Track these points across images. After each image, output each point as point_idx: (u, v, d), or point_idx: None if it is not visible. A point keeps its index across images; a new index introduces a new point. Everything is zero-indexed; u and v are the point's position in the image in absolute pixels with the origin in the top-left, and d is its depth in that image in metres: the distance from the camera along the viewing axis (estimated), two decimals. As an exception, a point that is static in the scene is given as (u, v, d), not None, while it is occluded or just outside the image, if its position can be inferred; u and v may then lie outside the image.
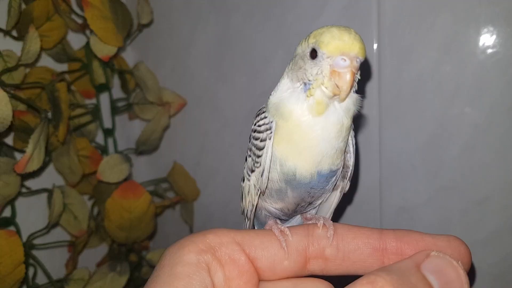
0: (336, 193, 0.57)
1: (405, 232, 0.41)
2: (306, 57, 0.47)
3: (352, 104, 0.47)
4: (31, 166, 0.71)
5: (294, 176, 0.49)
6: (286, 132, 0.48)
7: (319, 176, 0.49)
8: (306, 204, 0.54)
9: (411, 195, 0.78)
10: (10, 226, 0.81)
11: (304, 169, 0.48)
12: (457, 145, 0.73)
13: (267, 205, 0.55)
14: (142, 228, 0.90)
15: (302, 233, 0.44)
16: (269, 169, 0.51)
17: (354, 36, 0.44)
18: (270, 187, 0.52)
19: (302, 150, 0.47)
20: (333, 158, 0.48)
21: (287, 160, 0.48)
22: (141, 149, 1.01)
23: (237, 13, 0.90)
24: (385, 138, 0.78)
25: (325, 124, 0.46)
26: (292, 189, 0.50)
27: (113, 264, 0.87)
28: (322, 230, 0.44)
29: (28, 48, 0.75)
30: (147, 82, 0.96)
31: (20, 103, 0.80)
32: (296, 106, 0.47)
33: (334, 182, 0.52)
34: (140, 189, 0.87)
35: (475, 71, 0.70)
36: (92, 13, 0.80)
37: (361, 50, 0.44)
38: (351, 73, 0.44)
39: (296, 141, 0.47)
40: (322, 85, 0.45)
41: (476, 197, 0.73)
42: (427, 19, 0.72)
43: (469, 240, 0.72)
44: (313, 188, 0.50)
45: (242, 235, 0.43)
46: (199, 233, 0.43)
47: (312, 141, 0.47)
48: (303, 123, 0.47)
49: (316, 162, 0.48)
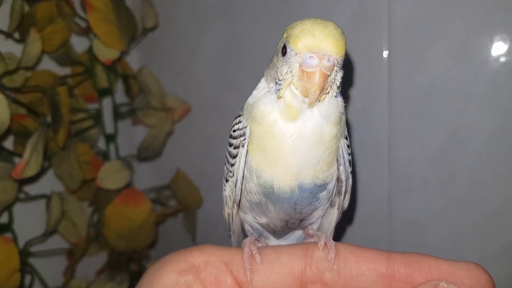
0: (334, 210, 0.52)
1: (417, 256, 0.37)
2: (279, 54, 0.42)
3: (332, 110, 0.42)
4: (28, 172, 0.69)
5: (272, 189, 0.43)
6: (259, 138, 0.43)
7: (301, 190, 0.43)
8: (297, 221, 0.48)
9: (422, 208, 0.75)
10: (7, 233, 0.79)
11: (282, 182, 0.43)
12: (469, 156, 0.70)
13: (250, 220, 0.50)
14: (143, 237, 0.88)
15: (299, 253, 0.40)
16: (242, 180, 0.46)
17: (329, 31, 0.38)
18: (249, 199, 0.47)
19: (277, 160, 0.42)
20: (316, 171, 0.43)
21: (263, 171, 0.43)
22: (144, 155, 0.99)
23: (244, 18, 0.89)
24: (394, 148, 0.76)
25: (300, 131, 0.41)
26: (272, 203, 0.45)
27: (112, 273, 0.85)
28: (323, 251, 0.40)
29: (29, 51, 0.73)
30: (151, 87, 0.94)
31: (20, 107, 0.79)
32: (267, 108, 0.42)
33: (326, 198, 0.46)
34: (141, 196, 0.85)
35: (488, 79, 0.68)
36: (96, 16, 0.79)
37: (335, 47, 0.38)
38: (320, 73, 0.38)
39: (270, 150, 0.42)
40: (292, 85, 0.40)
41: (489, 210, 0.70)
42: (438, 26, 0.70)
43: (481, 254, 0.71)
44: (298, 204, 0.45)
45: (231, 254, 0.40)
46: (185, 250, 0.40)
47: (286, 150, 0.41)
48: (274, 129, 0.41)
49: (295, 174, 0.42)
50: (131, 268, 0.97)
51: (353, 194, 0.79)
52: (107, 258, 0.97)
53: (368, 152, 0.78)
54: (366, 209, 0.80)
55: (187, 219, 1.02)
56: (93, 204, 0.95)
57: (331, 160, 0.44)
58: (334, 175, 0.46)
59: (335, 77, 0.41)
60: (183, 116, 1.00)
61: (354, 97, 0.78)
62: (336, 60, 0.39)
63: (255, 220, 0.50)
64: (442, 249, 0.74)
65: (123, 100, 1.02)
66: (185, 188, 1.00)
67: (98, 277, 0.87)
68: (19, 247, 0.80)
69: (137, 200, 0.85)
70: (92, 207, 0.96)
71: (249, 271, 0.39)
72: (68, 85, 0.84)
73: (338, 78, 0.42)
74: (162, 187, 1.03)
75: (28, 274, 0.83)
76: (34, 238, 0.83)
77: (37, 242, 0.83)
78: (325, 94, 0.41)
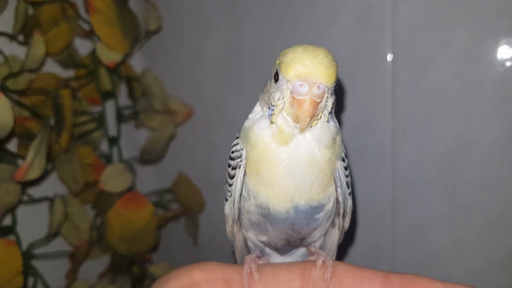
0: (335, 231, 0.53)
1: (414, 278, 0.37)
2: (272, 79, 0.43)
3: (325, 134, 0.42)
4: (31, 174, 0.69)
5: (268, 210, 0.44)
6: (254, 161, 0.44)
7: (296, 212, 0.44)
8: (298, 240, 0.49)
9: (425, 212, 0.75)
10: (10, 235, 0.79)
11: (277, 204, 0.44)
12: (474, 161, 0.70)
13: (252, 237, 0.51)
14: (144, 240, 0.87)
15: (297, 272, 0.41)
16: (240, 200, 0.47)
17: (319, 59, 0.39)
18: (249, 218, 0.48)
19: (271, 183, 0.43)
20: (311, 193, 0.43)
21: (259, 192, 0.44)
22: (146, 158, 0.99)
23: (248, 21, 0.89)
24: (398, 153, 0.76)
25: (292, 155, 0.42)
26: (270, 223, 0.46)
27: (114, 276, 0.85)
28: (320, 270, 0.40)
29: (33, 53, 0.73)
30: (154, 90, 0.94)
31: (24, 109, 0.79)
32: (261, 132, 0.43)
33: (324, 218, 0.47)
34: (143, 200, 0.85)
35: (494, 84, 0.67)
36: (98, 18, 0.79)
37: (325, 76, 0.39)
38: (310, 101, 0.39)
39: (264, 172, 0.43)
40: (284, 111, 0.41)
41: (493, 215, 0.70)
42: (443, 30, 0.70)
43: (485, 260, 0.70)
44: (295, 224, 0.46)
45: (231, 272, 0.41)
46: (186, 267, 0.41)
47: (280, 174, 0.42)
48: (268, 153, 0.43)
49: (289, 196, 0.43)
50: (133, 271, 0.96)
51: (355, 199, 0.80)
52: (109, 261, 0.97)
53: (371, 156, 0.78)
54: (370, 213, 0.80)
55: (190, 223, 1.02)
56: (96, 207, 0.95)
57: (327, 183, 0.44)
58: (332, 197, 0.46)
59: (326, 103, 0.42)
60: (186, 119, 1.00)
61: (358, 101, 0.78)
62: (326, 87, 0.40)
63: (257, 237, 0.51)
64: (446, 254, 0.74)
65: (126, 103, 1.02)
66: (188, 192, 1.00)
67: (100, 280, 0.86)
68: (22, 250, 0.80)
69: (139, 203, 0.84)
70: (95, 210, 0.96)
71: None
72: (71, 88, 0.84)
73: (330, 103, 0.42)
74: (164, 191, 1.02)
75: (31, 276, 0.82)
76: (37, 240, 0.83)
77: (40, 245, 0.83)
78: (317, 120, 0.42)
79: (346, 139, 0.79)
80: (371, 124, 0.77)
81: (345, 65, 0.78)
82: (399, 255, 0.78)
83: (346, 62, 0.78)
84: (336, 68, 0.41)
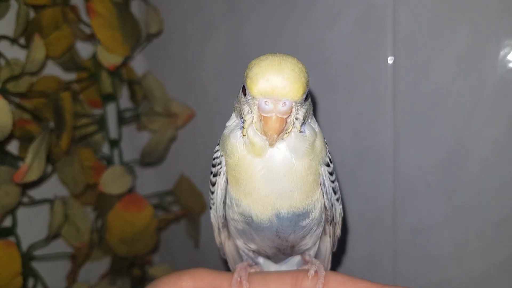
0: (326, 238, 0.52)
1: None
2: (241, 91, 0.42)
3: (300, 143, 0.41)
4: (30, 176, 0.70)
5: (251, 218, 0.44)
6: (233, 169, 0.43)
7: (279, 219, 0.43)
8: (288, 248, 0.48)
9: (426, 216, 0.74)
10: (10, 237, 0.80)
11: (259, 212, 0.43)
12: (475, 163, 0.69)
13: (241, 245, 0.50)
14: (144, 242, 0.87)
15: (288, 281, 0.40)
16: (223, 208, 0.47)
17: (284, 75, 0.37)
18: (235, 226, 0.47)
19: (250, 191, 0.42)
20: (292, 201, 0.42)
21: (240, 200, 0.44)
22: (146, 160, 0.99)
23: (249, 24, 0.89)
24: (399, 155, 0.75)
25: (268, 165, 0.41)
26: (255, 231, 0.45)
27: (114, 278, 0.85)
28: (311, 281, 0.40)
29: (33, 57, 0.74)
30: (155, 93, 0.95)
31: (25, 112, 0.79)
32: (236, 142, 0.42)
33: (312, 225, 0.46)
34: (143, 202, 0.85)
35: (495, 85, 0.67)
36: (99, 21, 0.79)
37: (291, 91, 0.38)
38: (275, 118, 0.38)
39: (242, 181, 0.42)
40: (253, 125, 0.40)
41: (494, 218, 0.69)
42: (444, 31, 0.69)
43: (486, 263, 0.69)
44: (280, 232, 0.45)
45: (221, 279, 0.41)
46: (175, 274, 0.41)
47: (258, 183, 0.42)
48: (243, 163, 0.42)
49: (270, 204, 0.42)
50: (134, 273, 0.96)
51: (356, 200, 0.79)
52: (110, 263, 0.97)
53: (372, 159, 0.78)
54: (371, 216, 0.79)
55: (190, 225, 1.02)
56: (97, 209, 0.95)
57: (310, 189, 0.43)
58: (318, 203, 0.45)
59: (297, 116, 0.40)
60: (187, 121, 1.00)
61: (358, 103, 0.78)
62: (294, 102, 0.39)
63: (246, 246, 0.50)
64: (447, 257, 0.73)
65: (128, 106, 1.02)
66: (189, 194, 1.00)
67: (99, 282, 0.86)
68: (22, 251, 0.80)
69: (138, 205, 0.84)
70: (96, 212, 0.96)
71: None
72: (73, 91, 0.84)
73: (301, 115, 0.41)
74: (165, 193, 1.02)
75: (31, 278, 0.83)
76: (37, 242, 0.83)
77: (39, 246, 0.83)
78: (287, 133, 0.41)
79: (346, 142, 0.79)
80: (372, 127, 0.77)
81: (345, 66, 0.78)
82: (400, 258, 0.77)
83: (347, 63, 0.78)
84: (305, 80, 0.39)
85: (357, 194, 0.80)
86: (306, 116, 0.42)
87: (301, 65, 0.39)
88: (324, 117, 0.79)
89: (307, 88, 0.39)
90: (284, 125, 0.39)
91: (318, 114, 0.79)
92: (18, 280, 0.72)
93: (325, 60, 0.79)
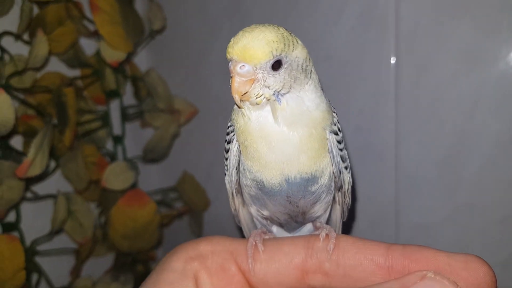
0: (336, 206, 0.54)
1: (416, 248, 0.36)
2: None
3: (286, 112, 0.43)
4: (33, 171, 0.70)
5: (262, 183, 0.46)
6: (240, 137, 0.46)
7: (288, 184, 0.45)
8: (299, 214, 0.50)
9: (429, 212, 0.74)
10: (14, 231, 0.80)
11: (269, 177, 0.45)
12: (477, 160, 0.69)
13: (255, 213, 0.53)
14: (147, 238, 0.88)
15: (301, 244, 0.41)
16: (236, 174, 0.49)
17: (247, 41, 0.40)
18: (249, 193, 0.49)
19: (259, 157, 0.45)
20: (299, 166, 0.44)
21: (252, 167, 0.46)
22: (149, 156, 0.99)
23: (252, 20, 0.88)
24: (401, 152, 0.75)
25: (264, 132, 0.43)
26: (267, 197, 0.48)
27: (117, 273, 0.85)
28: (323, 242, 0.41)
29: (36, 52, 0.74)
30: (158, 89, 0.95)
31: (29, 108, 0.80)
32: (239, 111, 0.45)
33: (321, 191, 0.48)
34: (145, 198, 0.85)
35: (497, 82, 0.66)
36: (102, 18, 0.80)
37: (249, 56, 0.40)
38: (234, 79, 0.41)
39: (249, 148, 0.45)
40: None
41: (497, 216, 0.69)
42: (446, 27, 0.69)
43: (489, 261, 0.68)
44: (290, 197, 0.47)
45: (237, 244, 0.42)
46: (194, 240, 0.42)
47: (262, 150, 0.44)
48: (246, 131, 0.44)
49: (278, 170, 0.45)
50: (137, 269, 0.97)
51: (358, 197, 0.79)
52: (113, 259, 0.98)
53: (375, 156, 0.77)
54: (373, 212, 0.79)
55: (194, 221, 1.02)
56: (101, 205, 0.95)
57: (316, 155, 0.45)
58: (327, 170, 0.47)
59: (265, 83, 0.42)
60: (190, 118, 1.00)
61: (361, 100, 0.77)
62: (255, 66, 0.41)
63: (259, 213, 0.52)
64: (449, 254, 0.73)
65: (131, 102, 1.02)
66: (192, 190, 1.00)
67: (102, 277, 0.87)
68: (26, 246, 0.80)
69: (141, 201, 0.85)
70: (99, 208, 0.96)
71: (251, 259, 0.41)
72: (76, 87, 0.85)
73: (271, 83, 0.42)
74: (168, 189, 1.03)
75: (35, 273, 0.83)
76: (40, 237, 0.83)
77: (43, 241, 0.84)
78: (257, 98, 0.42)
79: (349, 139, 0.79)
80: (374, 123, 0.77)
81: (348, 63, 0.78)
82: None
83: (349, 60, 0.77)
84: (270, 48, 0.41)
85: (359, 190, 0.79)
86: (283, 87, 0.43)
87: (272, 34, 0.41)
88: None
89: (272, 57, 0.41)
90: (246, 88, 0.41)
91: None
92: (22, 275, 0.73)
93: (327, 56, 0.79)
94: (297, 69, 0.43)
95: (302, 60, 0.43)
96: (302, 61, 0.43)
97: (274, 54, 0.41)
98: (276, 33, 0.41)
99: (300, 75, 0.43)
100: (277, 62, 0.42)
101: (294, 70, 0.43)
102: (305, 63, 0.44)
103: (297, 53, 0.43)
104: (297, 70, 0.43)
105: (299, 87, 0.44)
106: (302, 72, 0.44)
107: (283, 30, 0.43)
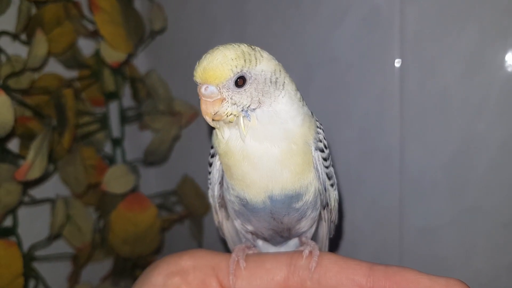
0: (322, 223, 0.53)
1: (399, 269, 0.37)
2: None
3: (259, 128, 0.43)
4: (32, 174, 0.69)
5: (246, 200, 0.46)
6: (221, 157, 0.46)
7: (272, 201, 0.45)
8: (284, 230, 0.50)
9: (433, 216, 0.73)
10: (11, 236, 0.78)
11: (252, 194, 0.45)
12: (482, 163, 0.69)
13: (239, 227, 0.52)
14: (148, 243, 0.86)
15: (284, 261, 0.41)
16: (219, 188, 0.49)
17: (208, 62, 0.41)
18: (233, 208, 0.49)
19: (242, 178, 0.45)
20: (283, 182, 0.44)
21: (235, 185, 0.46)
22: (150, 159, 0.98)
23: (254, 22, 0.88)
24: (406, 155, 0.74)
25: (245, 152, 0.43)
26: (251, 213, 0.47)
27: (116, 279, 0.84)
28: (306, 260, 0.41)
29: (35, 53, 0.73)
30: (158, 91, 0.94)
31: (26, 109, 0.78)
32: (216, 133, 0.46)
33: (306, 208, 0.47)
34: (146, 201, 0.84)
35: (503, 85, 0.66)
36: (102, 17, 0.79)
37: (210, 77, 0.41)
38: (202, 101, 0.42)
39: (232, 169, 0.45)
40: None
41: (502, 219, 0.68)
42: (452, 31, 0.68)
43: (494, 264, 0.69)
44: (274, 213, 0.47)
45: (219, 259, 0.43)
46: (176, 254, 0.43)
47: (244, 170, 0.44)
48: (226, 152, 0.44)
49: (262, 188, 0.44)
50: (136, 274, 0.95)
51: (362, 200, 0.79)
52: (112, 264, 0.96)
53: (379, 159, 0.77)
54: (377, 216, 0.79)
55: (194, 225, 1.01)
56: (99, 209, 0.94)
57: (300, 170, 0.45)
58: (311, 186, 0.47)
59: (231, 100, 0.42)
60: (191, 120, 0.99)
61: (365, 103, 0.77)
62: (218, 86, 0.41)
63: (243, 227, 0.51)
64: (454, 258, 0.72)
65: (130, 104, 1.01)
66: (192, 194, 0.99)
67: (101, 283, 0.85)
68: (23, 251, 0.79)
69: (142, 205, 0.84)
70: (98, 212, 0.95)
71: (232, 276, 0.41)
72: (75, 88, 0.83)
73: (237, 100, 0.42)
74: (169, 193, 1.01)
75: (33, 279, 0.82)
76: (38, 242, 0.82)
77: (41, 247, 0.82)
78: (228, 116, 0.42)
79: (353, 142, 0.78)
80: (379, 127, 0.76)
81: (352, 66, 0.77)
82: (407, 258, 0.76)
83: (354, 63, 0.77)
84: (229, 67, 0.41)
85: (363, 193, 0.79)
86: (252, 102, 0.43)
87: (230, 52, 0.42)
88: (330, 116, 0.79)
89: (232, 74, 0.41)
90: (213, 108, 0.42)
91: (323, 112, 0.78)
92: (20, 281, 0.71)
93: (331, 59, 0.78)
94: (264, 83, 0.43)
95: (270, 73, 0.43)
96: (270, 74, 0.43)
97: (234, 71, 0.41)
98: (235, 51, 0.42)
99: (269, 88, 0.43)
100: (241, 79, 0.42)
101: (261, 84, 0.43)
102: (274, 75, 0.43)
103: (262, 67, 0.43)
104: (264, 84, 0.43)
105: (270, 101, 0.43)
106: (271, 85, 0.43)
107: (244, 46, 0.43)
